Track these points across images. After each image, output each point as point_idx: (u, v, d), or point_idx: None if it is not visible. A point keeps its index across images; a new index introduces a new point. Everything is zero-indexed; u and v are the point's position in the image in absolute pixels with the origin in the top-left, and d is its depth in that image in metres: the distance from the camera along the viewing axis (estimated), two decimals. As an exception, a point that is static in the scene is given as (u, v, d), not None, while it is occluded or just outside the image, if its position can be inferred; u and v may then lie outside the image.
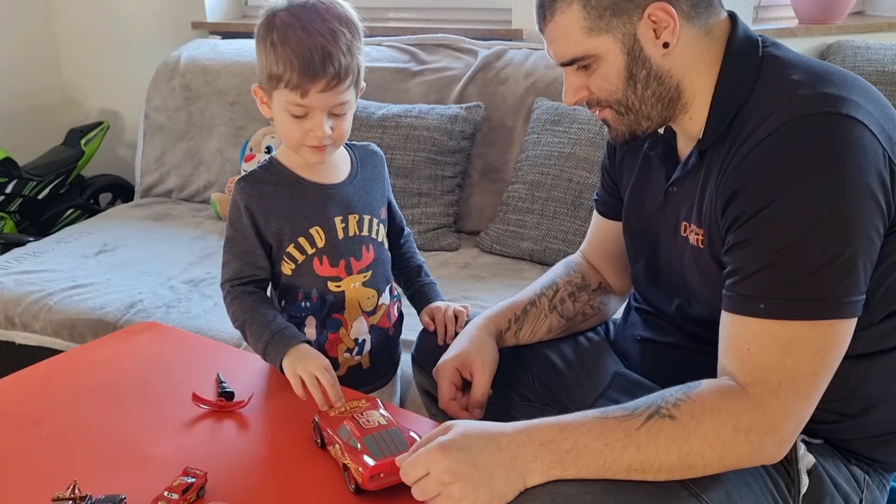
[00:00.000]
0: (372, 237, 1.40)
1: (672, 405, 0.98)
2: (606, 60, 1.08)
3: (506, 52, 2.50)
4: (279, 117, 1.29)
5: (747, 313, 0.99)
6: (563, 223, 2.12)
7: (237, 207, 1.34)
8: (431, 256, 2.25)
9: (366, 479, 1.04)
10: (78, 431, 1.23)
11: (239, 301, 1.34)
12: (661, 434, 0.96)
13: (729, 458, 0.97)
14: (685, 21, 1.06)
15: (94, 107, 3.45)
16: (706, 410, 0.97)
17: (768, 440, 0.97)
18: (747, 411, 0.96)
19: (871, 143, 0.96)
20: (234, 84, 2.74)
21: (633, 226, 1.30)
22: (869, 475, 1.12)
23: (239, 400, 1.28)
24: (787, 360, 0.96)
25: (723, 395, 0.98)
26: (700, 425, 0.96)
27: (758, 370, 0.97)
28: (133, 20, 3.23)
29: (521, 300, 1.40)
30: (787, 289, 0.96)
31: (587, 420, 0.99)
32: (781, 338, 0.96)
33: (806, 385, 0.97)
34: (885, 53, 2.36)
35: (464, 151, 2.35)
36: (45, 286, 2.12)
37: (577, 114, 2.20)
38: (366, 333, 1.42)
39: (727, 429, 0.96)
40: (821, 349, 0.97)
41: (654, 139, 1.21)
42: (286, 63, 1.21)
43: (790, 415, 0.97)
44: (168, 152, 2.84)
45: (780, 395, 0.96)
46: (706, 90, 1.09)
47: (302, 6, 1.25)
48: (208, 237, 2.47)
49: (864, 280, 0.97)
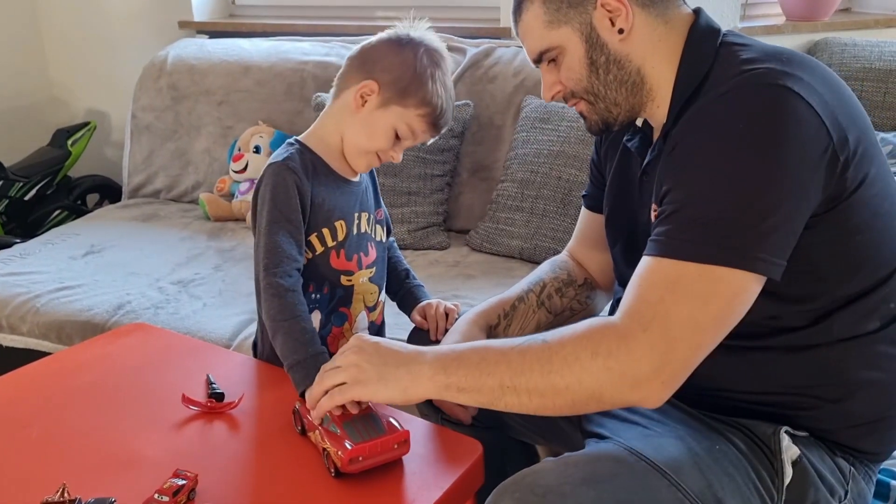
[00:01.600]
0: (374, 236, 1.43)
1: (550, 334, 1.04)
2: (569, 50, 1.15)
3: (494, 51, 2.50)
4: (381, 124, 1.32)
5: (651, 253, 1.02)
6: (552, 221, 2.12)
7: (287, 186, 1.27)
8: (421, 255, 2.24)
9: (345, 462, 1.07)
10: (67, 434, 1.22)
11: (281, 300, 1.24)
12: (529, 352, 1.03)
13: (589, 383, 0.99)
14: (640, 9, 1.13)
15: (80, 107, 3.43)
16: (574, 336, 1.02)
17: (629, 372, 0.97)
18: (609, 338, 0.99)
19: (808, 115, 0.98)
20: (221, 84, 2.73)
21: (610, 212, 1.34)
22: (855, 467, 1.12)
23: (229, 401, 1.28)
24: (667, 297, 0.98)
25: (593, 324, 1.02)
26: (563, 347, 1.01)
27: (638, 303, 1.00)
28: (119, 20, 3.22)
29: (509, 297, 1.42)
30: (689, 231, 0.99)
31: (478, 342, 1.12)
32: (670, 276, 0.99)
33: (678, 327, 0.97)
34: (872, 50, 2.37)
35: (453, 150, 2.35)
36: (32, 288, 2.10)
37: (565, 112, 2.20)
38: (366, 329, 1.43)
39: (586, 352, 0.99)
40: (705, 296, 0.97)
41: (633, 132, 1.25)
42: (436, 100, 1.31)
43: (654, 349, 0.97)
44: (156, 152, 2.83)
45: (648, 329, 0.97)
46: (668, 77, 1.14)
47: (443, 56, 1.36)
48: (197, 238, 2.46)
49: (777, 243, 0.98)
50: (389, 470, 1.11)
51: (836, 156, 1.00)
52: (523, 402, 1.02)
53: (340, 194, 1.36)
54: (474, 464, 1.15)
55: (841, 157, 1.00)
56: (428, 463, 1.14)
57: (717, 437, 1.09)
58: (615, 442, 1.07)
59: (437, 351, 1.10)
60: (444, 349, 1.10)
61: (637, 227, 1.25)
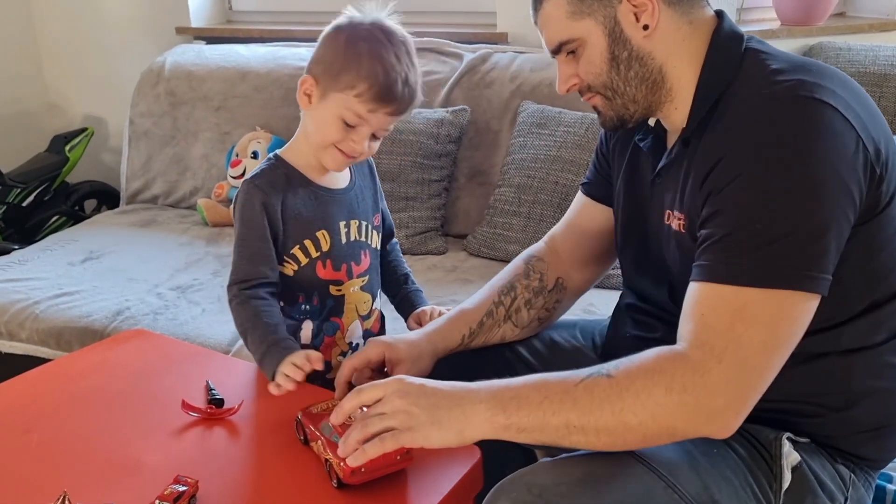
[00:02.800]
0: (368, 243, 1.41)
1: (613, 367, 1.01)
2: (590, 43, 1.13)
3: (491, 56, 2.50)
4: (326, 115, 1.28)
5: (706, 279, 1.01)
6: (549, 226, 2.09)
7: (252, 205, 1.30)
8: (419, 260, 2.25)
9: (347, 473, 1.06)
10: (67, 441, 1.22)
11: (244, 307, 1.30)
12: (595, 390, 0.99)
13: (664, 419, 0.97)
14: (665, 6, 1.11)
15: (78, 113, 3.43)
16: (642, 370, 0.99)
17: (705, 406, 0.96)
18: (683, 372, 0.97)
19: (844, 127, 0.98)
20: (219, 89, 2.74)
21: (624, 217, 1.32)
22: (855, 474, 1.13)
23: (229, 407, 1.28)
24: (737, 325, 0.97)
25: (661, 357, 0.99)
26: (633, 382, 0.98)
27: (706, 332, 0.98)
28: (117, 26, 3.22)
29: (475, 310, 1.36)
30: (746, 255, 0.98)
31: (532, 377, 1.04)
32: (734, 303, 0.98)
33: (753, 355, 0.97)
34: (867, 55, 2.38)
35: (450, 155, 2.36)
36: (31, 294, 2.11)
37: (562, 117, 2.21)
38: (360, 338, 1.43)
39: (660, 388, 0.97)
40: (773, 320, 0.97)
41: (645, 131, 1.24)
42: (371, 77, 1.23)
43: (731, 382, 0.96)
44: (153, 158, 2.83)
45: (723, 360, 0.96)
46: (690, 79, 1.13)
47: (391, 30, 1.28)
48: (195, 243, 2.46)
49: (829, 259, 0.98)
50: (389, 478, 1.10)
51: (874, 168, 1.00)
52: (591, 441, 1.00)
53: (320, 204, 1.35)
54: (473, 468, 1.15)
55: (877, 170, 1.01)
56: (426, 468, 1.14)
57: (715, 441, 1.09)
58: None
59: (491, 388, 1.04)
60: (498, 385, 1.04)
61: (647, 230, 1.24)
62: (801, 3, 2.52)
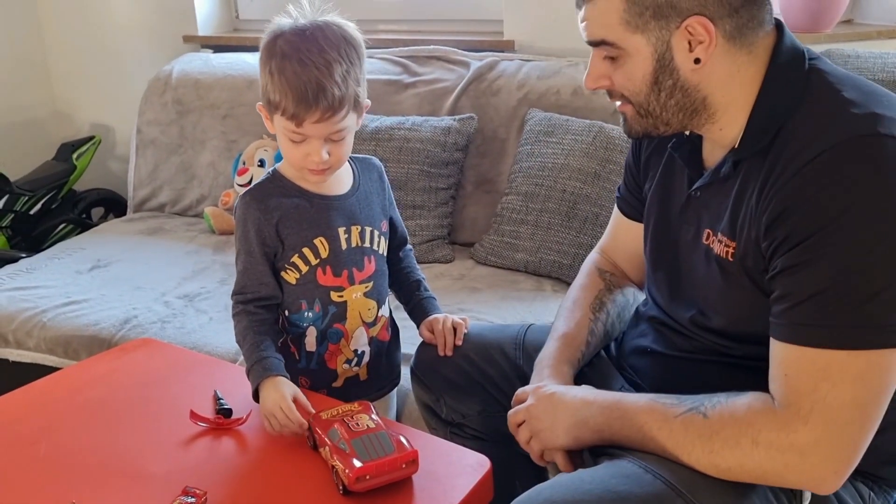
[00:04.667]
0: (374, 248, 1.41)
1: (711, 405, 1.02)
2: (634, 60, 1.07)
3: (498, 64, 2.50)
4: (280, 139, 1.31)
5: (789, 340, 0.99)
6: (557, 234, 2.12)
7: (243, 222, 1.34)
8: (426, 269, 2.24)
9: (352, 480, 1.07)
10: (75, 451, 1.22)
11: (238, 319, 1.35)
12: (691, 426, 1.02)
13: (751, 468, 0.98)
14: (724, 40, 1.04)
15: (85, 121, 3.44)
16: (735, 416, 1.00)
17: (795, 465, 0.96)
18: (770, 428, 0.97)
19: None
20: (226, 97, 2.74)
21: (655, 229, 1.27)
22: (874, 492, 1.11)
23: (237, 417, 1.28)
24: (822, 385, 0.95)
25: (753, 407, 1.00)
26: (724, 427, 1.00)
27: (792, 394, 0.97)
28: (124, 34, 3.23)
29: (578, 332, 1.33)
30: (831, 318, 0.95)
31: (641, 398, 1.10)
32: (817, 364, 0.96)
33: (842, 414, 0.95)
34: (875, 62, 2.37)
35: (457, 163, 2.36)
36: (39, 303, 2.11)
37: (569, 125, 2.21)
38: (365, 345, 1.43)
39: (746, 438, 0.98)
40: (862, 376, 0.94)
41: (680, 139, 1.19)
42: (282, 93, 1.24)
43: (820, 441, 0.95)
44: (161, 166, 2.84)
45: (810, 421, 0.95)
46: (742, 102, 1.07)
47: (301, 33, 1.25)
48: (202, 251, 2.46)
49: None
50: (398, 486, 1.11)
51: None
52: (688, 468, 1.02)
53: (317, 212, 1.36)
54: (483, 479, 1.15)
55: None
56: (437, 479, 1.14)
57: None
58: (630, 460, 1.05)
59: (604, 403, 1.12)
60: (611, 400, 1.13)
61: (679, 243, 1.20)
62: (809, 11, 2.51)
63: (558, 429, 1.15)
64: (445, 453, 1.21)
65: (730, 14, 1.03)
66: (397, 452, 1.10)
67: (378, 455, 1.09)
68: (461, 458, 1.20)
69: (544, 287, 2.10)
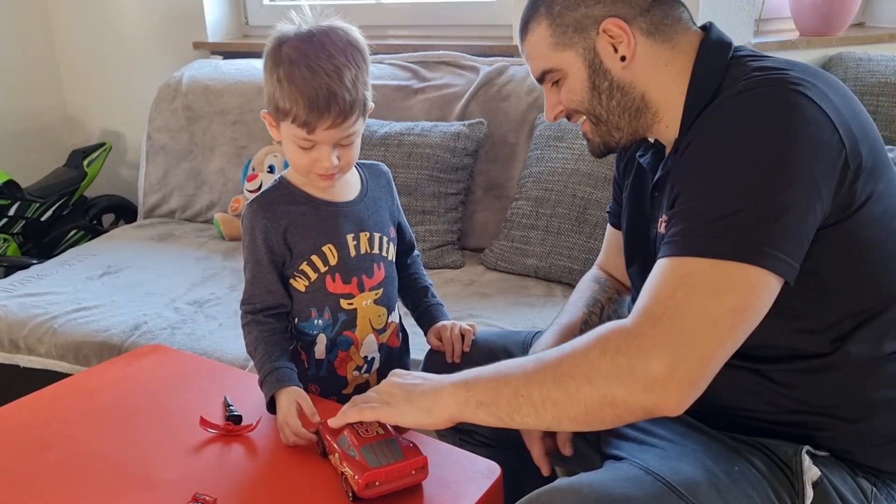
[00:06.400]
0: (383, 255, 1.40)
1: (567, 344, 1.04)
2: (571, 74, 1.16)
3: (507, 69, 2.50)
4: (287, 145, 1.29)
5: (662, 255, 1.01)
6: (567, 239, 2.12)
7: (251, 230, 1.33)
8: (436, 274, 2.24)
9: (361, 487, 1.07)
10: (85, 457, 1.22)
11: (247, 330, 1.34)
12: (544, 359, 1.03)
13: (599, 383, 0.97)
14: (644, 37, 1.13)
15: (96, 128, 3.45)
16: (586, 338, 1.02)
17: (640, 369, 0.94)
18: (618, 335, 0.98)
19: (822, 119, 0.98)
20: (235, 103, 2.75)
21: (628, 231, 1.34)
22: (876, 487, 1.10)
23: (247, 424, 1.27)
24: (678, 291, 0.96)
25: (604, 326, 1.01)
26: (574, 350, 1.01)
27: (650, 302, 0.98)
28: (134, 41, 3.24)
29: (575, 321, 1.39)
30: (702, 228, 0.98)
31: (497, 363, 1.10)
32: (679, 272, 0.98)
33: (693, 320, 0.94)
34: (887, 65, 2.36)
35: (467, 168, 2.35)
36: (50, 309, 2.11)
37: (579, 130, 2.19)
38: (375, 352, 1.42)
39: (595, 350, 0.99)
40: (719, 288, 0.95)
41: (645, 148, 1.26)
42: (292, 101, 1.22)
43: (666, 346, 0.94)
44: (171, 172, 2.85)
45: (658, 324, 0.95)
46: (677, 97, 1.14)
47: (308, 39, 1.24)
48: (212, 257, 2.47)
49: (788, 241, 0.96)
50: (407, 493, 1.10)
51: (848, 163, 0.99)
52: (539, 414, 1.01)
53: (324, 219, 1.35)
54: (493, 486, 1.14)
55: (852, 166, 1.00)
56: (447, 485, 1.14)
57: (736, 458, 1.07)
58: (631, 462, 1.06)
59: (463, 372, 1.11)
60: (470, 370, 1.12)
61: (650, 243, 1.25)
62: (820, 14, 2.50)
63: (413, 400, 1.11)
64: (456, 460, 1.21)
65: (641, 13, 1.13)
66: (407, 459, 1.10)
67: (388, 461, 1.09)
68: (472, 464, 1.19)
69: (554, 292, 2.09)
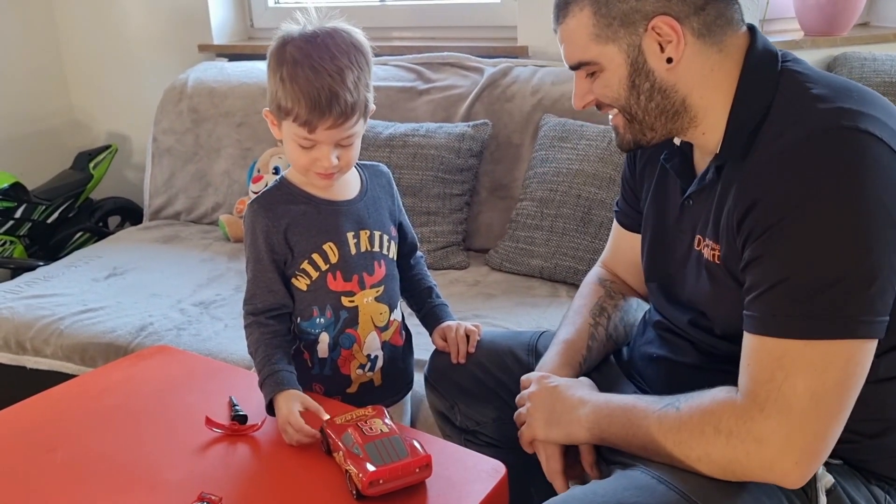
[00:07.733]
0: (384, 253, 1.41)
1: (683, 400, 1.05)
2: (610, 69, 1.10)
3: (512, 70, 2.50)
4: (288, 144, 1.31)
5: (752, 330, 1.00)
6: (572, 240, 2.12)
7: (251, 230, 1.35)
8: (441, 275, 2.24)
9: (365, 485, 1.07)
10: (92, 458, 1.22)
11: (249, 331, 1.35)
12: (665, 421, 1.04)
13: (717, 458, 0.99)
14: (694, 38, 1.06)
15: (101, 130, 3.46)
16: (701, 407, 1.02)
17: (755, 454, 0.97)
18: (729, 416, 0.99)
19: (890, 160, 0.95)
20: (241, 106, 2.75)
21: (650, 238, 1.29)
22: (890, 495, 1.10)
23: (252, 423, 1.28)
24: (777, 374, 0.96)
25: (717, 398, 1.02)
26: (691, 418, 1.02)
27: (751, 383, 0.99)
28: (140, 43, 3.25)
29: (579, 337, 1.35)
30: (790, 307, 0.96)
31: (628, 398, 1.14)
32: (774, 353, 0.97)
33: (797, 402, 0.95)
34: (892, 64, 2.36)
35: (472, 169, 2.35)
36: (56, 310, 2.12)
37: (584, 130, 2.20)
38: (378, 349, 1.42)
39: (709, 427, 1.00)
40: (817, 367, 0.95)
41: (671, 150, 1.21)
42: (294, 100, 1.23)
43: (776, 431, 0.96)
44: (176, 174, 2.85)
45: (765, 409, 0.96)
46: (720, 105, 1.09)
47: (311, 39, 1.25)
48: (217, 259, 2.47)
49: (884, 301, 0.95)
50: (412, 492, 1.11)
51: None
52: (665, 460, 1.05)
53: (325, 217, 1.36)
54: (498, 486, 1.15)
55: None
56: (451, 484, 1.14)
57: None
58: (643, 471, 1.05)
59: (596, 402, 1.15)
60: (602, 400, 1.16)
61: (675, 252, 1.21)
62: (825, 14, 2.50)
63: (552, 421, 1.18)
64: (460, 459, 1.21)
65: (695, 12, 1.06)
66: (411, 457, 1.10)
67: (391, 459, 1.09)
68: (476, 463, 1.19)
69: (559, 293, 2.09)
